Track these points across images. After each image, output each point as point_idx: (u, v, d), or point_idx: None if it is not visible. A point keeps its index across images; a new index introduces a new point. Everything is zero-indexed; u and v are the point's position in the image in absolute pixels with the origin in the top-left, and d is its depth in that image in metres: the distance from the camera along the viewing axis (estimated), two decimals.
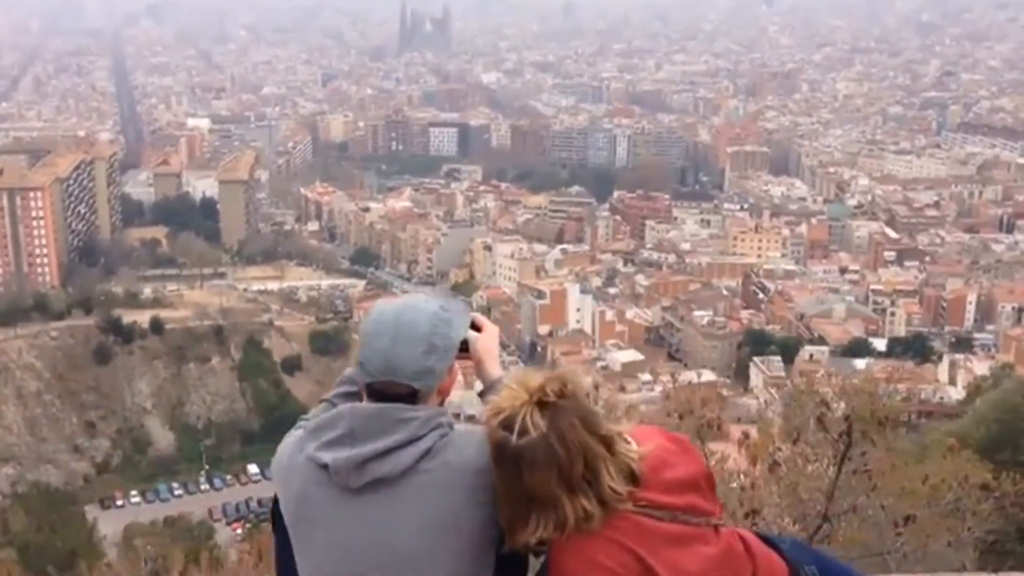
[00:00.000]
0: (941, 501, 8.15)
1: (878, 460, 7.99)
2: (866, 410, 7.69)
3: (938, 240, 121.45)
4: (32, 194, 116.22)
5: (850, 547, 7.74)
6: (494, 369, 2.77)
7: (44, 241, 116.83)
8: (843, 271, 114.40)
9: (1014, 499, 8.86)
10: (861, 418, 7.65)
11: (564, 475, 2.20)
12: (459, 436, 2.47)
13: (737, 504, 7.49)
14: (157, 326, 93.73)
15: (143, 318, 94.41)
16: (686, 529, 2.30)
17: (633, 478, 2.30)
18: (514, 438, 2.25)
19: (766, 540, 2.53)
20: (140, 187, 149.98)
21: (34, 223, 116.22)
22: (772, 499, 7.72)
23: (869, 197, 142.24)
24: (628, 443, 2.34)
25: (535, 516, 2.28)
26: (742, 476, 8.20)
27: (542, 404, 2.26)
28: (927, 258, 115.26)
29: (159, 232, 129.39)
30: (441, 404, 2.60)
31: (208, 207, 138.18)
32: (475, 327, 2.81)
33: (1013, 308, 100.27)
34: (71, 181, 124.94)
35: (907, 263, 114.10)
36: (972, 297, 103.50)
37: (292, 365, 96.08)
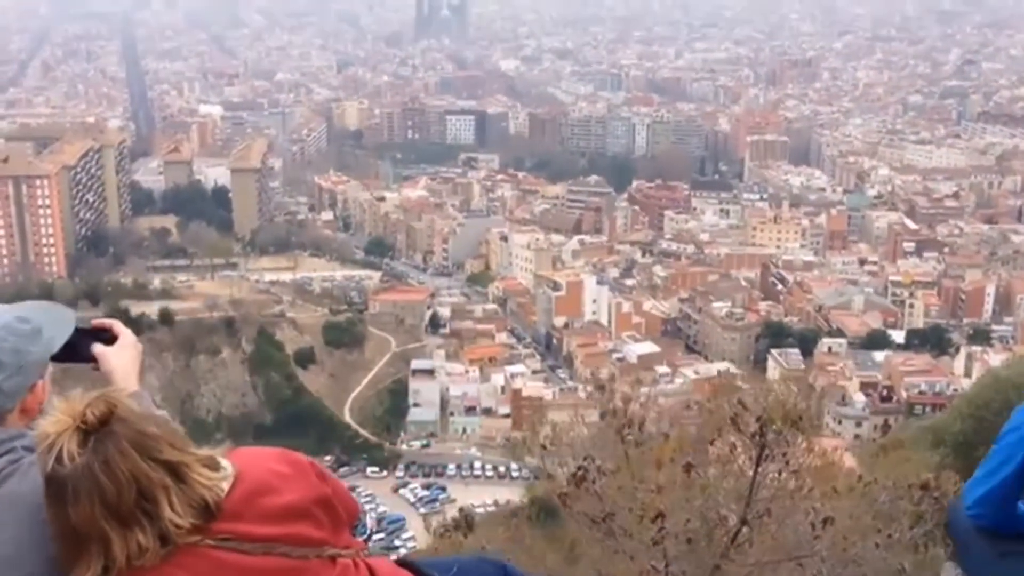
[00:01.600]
0: (874, 502, 7.97)
1: (807, 460, 7.93)
2: (778, 410, 7.67)
3: (957, 231, 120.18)
4: (39, 182, 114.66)
5: (771, 551, 7.65)
6: (127, 386, 2.56)
7: (51, 230, 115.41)
8: (862, 262, 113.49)
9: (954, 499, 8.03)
10: (772, 419, 7.57)
11: (111, 507, 1.97)
12: (32, 462, 2.19)
13: (640, 510, 7.34)
14: (166, 317, 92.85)
15: (152, 309, 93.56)
16: (283, 562, 2.08)
17: (208, 508, 2.06)
18: (51, 466, 2.01)
19: (416, 567, 2.39)
20: (150, 175, 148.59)
21: (41, 212, 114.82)
22: (683, 503, 7.59)
23: (889, 187, 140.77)
24: (215, 469, 2.11)
25: (86, 554, 2.04)
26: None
27: (86, 430, 2.03)
28: (946, 249, 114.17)
29: (169, 221, 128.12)
30: (28, 425, 2.39)
31: (220, 196, 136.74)
32: (110, 339, 2.65)
33: None
34: (79, 169, 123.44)
35: (926, 254, 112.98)
36: (991, 289, 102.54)
37: (305, 358, 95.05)
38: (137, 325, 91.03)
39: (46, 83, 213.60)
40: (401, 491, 78.51)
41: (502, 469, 77.19)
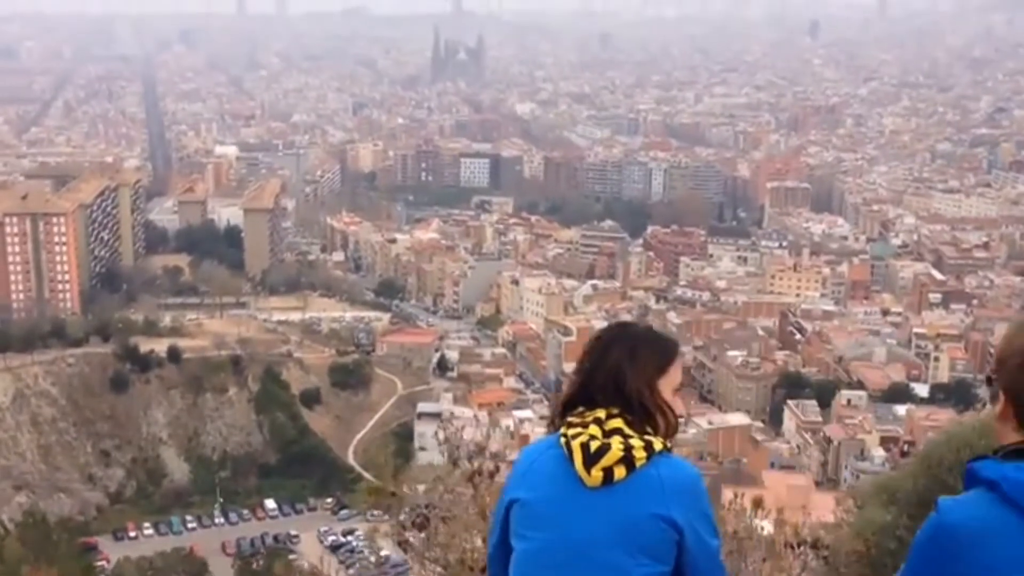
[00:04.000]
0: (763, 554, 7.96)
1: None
2: None
3: (987, 283, 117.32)
4: (55, 219, 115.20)
5: None
6: None
7: (66, 267, 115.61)
8: (885, 313, 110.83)
9: (845, 558, 9.12)
10: None
11: None
12: None
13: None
14: (175, 355, 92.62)
15: (161, 347, 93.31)
16: None
17: None
18: None
19: None
20: (165, 214, 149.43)
21: (57, 249, 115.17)
22: None
23: (915, 236, 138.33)
24: None
25: None
26: None
27: None
28: (975, 301, 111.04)
29: (182, 260, 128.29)
30: None
31: (232, 235, 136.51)
32: None
33: None
34: (95, 207, 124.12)
35: (953, 306, 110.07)
36: None
37: (311, 398, 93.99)
38: (146, 362, 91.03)
39: (67, 123, 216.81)
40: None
41: None
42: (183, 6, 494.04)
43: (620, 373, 2.91)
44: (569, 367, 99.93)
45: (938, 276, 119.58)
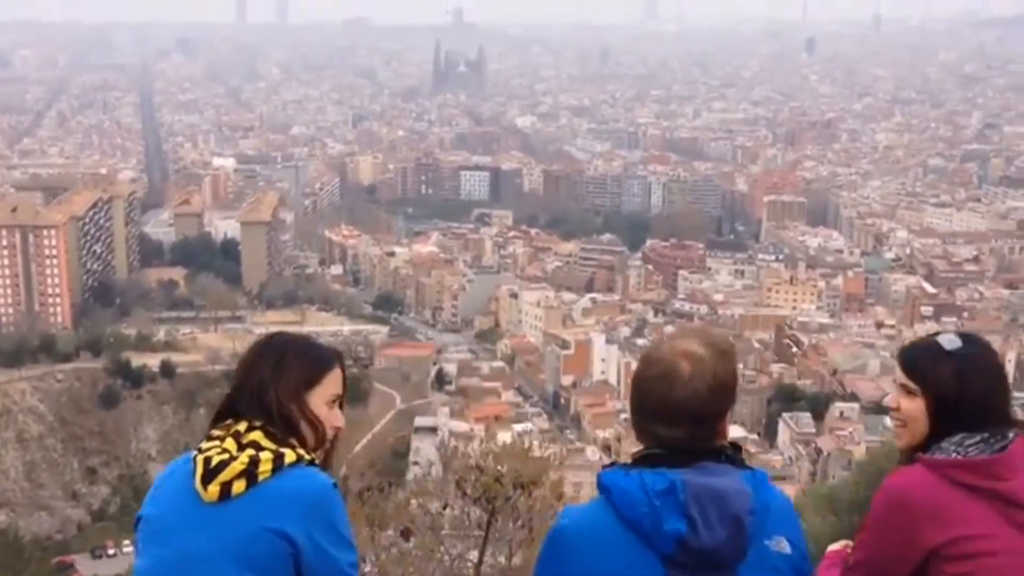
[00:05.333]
0: None
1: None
2: (512, 474, 8.04)
3: (977, 295, 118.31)
4: (46, 232, 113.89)
5: None
6: None
7: (57, 280, 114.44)
8: (879, 325, 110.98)
9: None
10: (496, 483, 7.79)
11: None
12: None
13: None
14: (168, 370, 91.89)
15: (153, 361, 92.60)
16: None
17: None
18: None
19: None
20: (161, 227, 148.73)
21: (47, 262, 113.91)
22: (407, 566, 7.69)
23: (907, 250, 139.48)
24: None
25: None
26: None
27: None
28: (965, 314, 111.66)
29: (177, 273, 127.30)
30: None
31: (229, 248, 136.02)
32: None
33: None
34: (87, 220, 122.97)
35: (944, 318, 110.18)
36: (1012, 355, 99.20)
37: None
38: (138, 377, 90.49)
39: (61, 133, 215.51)
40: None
41: None
42: (182, 15, 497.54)
43: (263, 385, 2.88)
44: (568, 380, 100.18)
45: (930, 289, 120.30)
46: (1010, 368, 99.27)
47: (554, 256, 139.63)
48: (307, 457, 2.81)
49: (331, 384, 2.96)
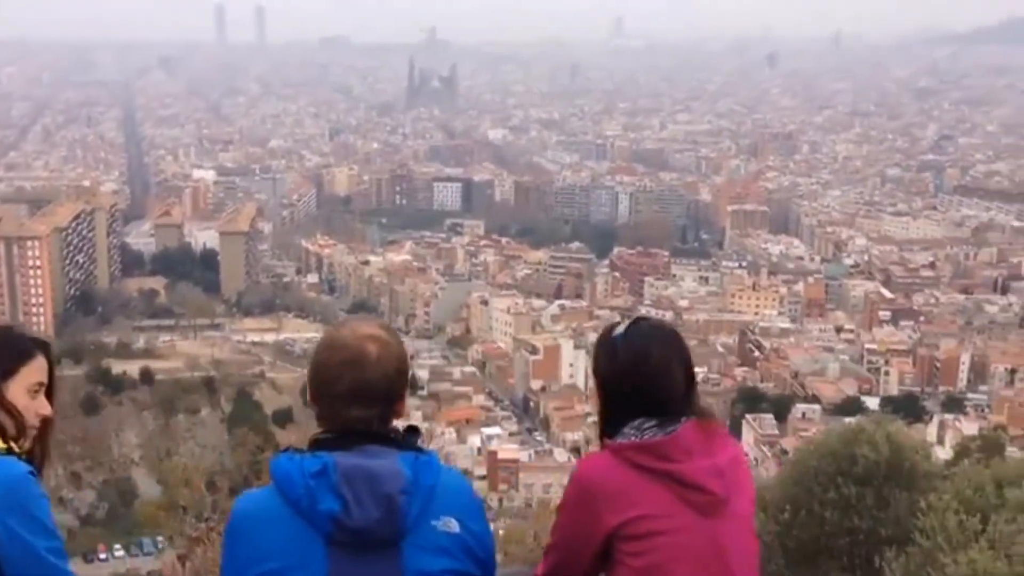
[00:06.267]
0: None
1: None
2: None
3: (933, 300, 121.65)
4: (30, 243, 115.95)
5: None
6: None
7: (40, 290, 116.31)
8: (839, 330, 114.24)
9: None
10: None
11: None
12: None
13: None
14: (147, 377, 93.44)
15: (133, 368, 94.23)
16: None
17: None
18: None
19: None
20: (142, 238, 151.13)
21: (31, 272, 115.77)
22: None
23: (866, 257, 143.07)
24: None
25: None
26: None
27: None
28: (922, 318, 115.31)
29: (157, 283, 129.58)
30: None
31: (208, 258, 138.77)
32: None
33: (1006, 369, 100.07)
34: (70, 231, 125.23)
35: (902, 323, 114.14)
36: (966, 358, 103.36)
37: (283, 417, 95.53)
38: (118, 384, 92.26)
39: (45, 147, 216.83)
40: None
41: None
42: (163, 34, 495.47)
43: None
44: (537, 384, 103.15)
45: (888, 295, 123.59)
46: (964, 370, 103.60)
47: (524, 264, 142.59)
48: (2, 446, 2.84)
49: (32, 373, 2.98)
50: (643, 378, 3.12)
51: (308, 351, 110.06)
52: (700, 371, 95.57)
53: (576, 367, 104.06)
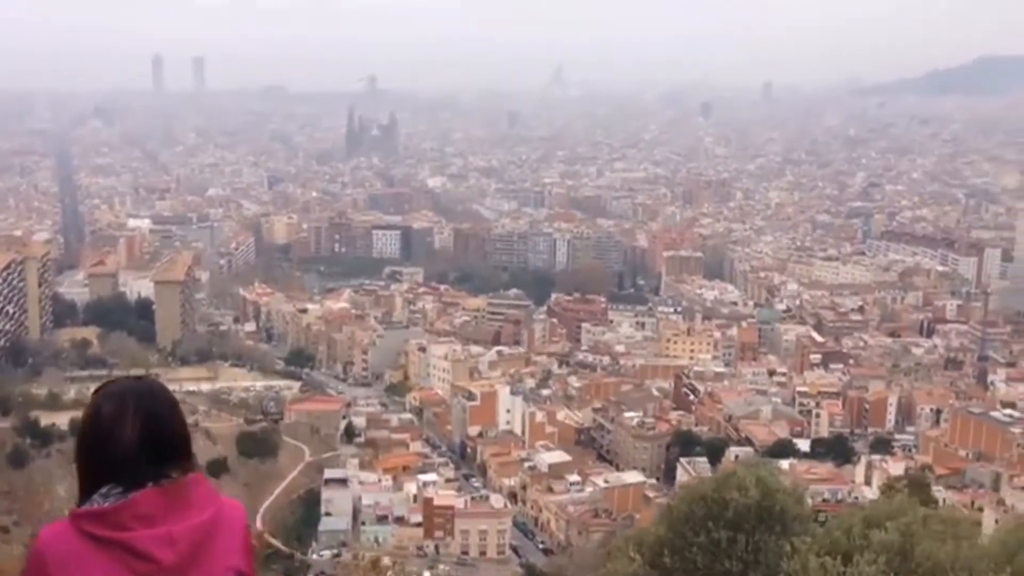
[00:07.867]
0: None
1: None
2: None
3: (862, 344, 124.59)
4: None
5: None
6: None
7: None
8: (771, 373, 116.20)
9: None
10: None
11: None
12: None
13: None
14: (76, 428, 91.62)
15: (63, 420, 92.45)
16: None
17: None
18: None
19: None
20: (75, 287, 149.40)
21: None
22: None
23: (797, 302, 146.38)
24: None
25: None
26: None
27: None
28: (851, 361, 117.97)
29: (90, 333, 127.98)
30: None
31: (144, 308, 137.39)
32: None
33: (932, 410, 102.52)
34: (0, 281, 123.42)
35: (832, 366, 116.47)
36: (893, 399, 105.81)
37: (218, 468, 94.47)
38: (47, 436, 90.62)
39: None
40: None
41: None
42: (100, 83, 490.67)
43: None
44: (474, 431, 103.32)
45: (818, 338, 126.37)
46: (891, 411, 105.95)
47: (462, 311, 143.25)
48: None
49: None
50: (93, 440, 3.15)
51: (245, 400, 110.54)
52: (634, 415, 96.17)
53: (513, 413, 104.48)
